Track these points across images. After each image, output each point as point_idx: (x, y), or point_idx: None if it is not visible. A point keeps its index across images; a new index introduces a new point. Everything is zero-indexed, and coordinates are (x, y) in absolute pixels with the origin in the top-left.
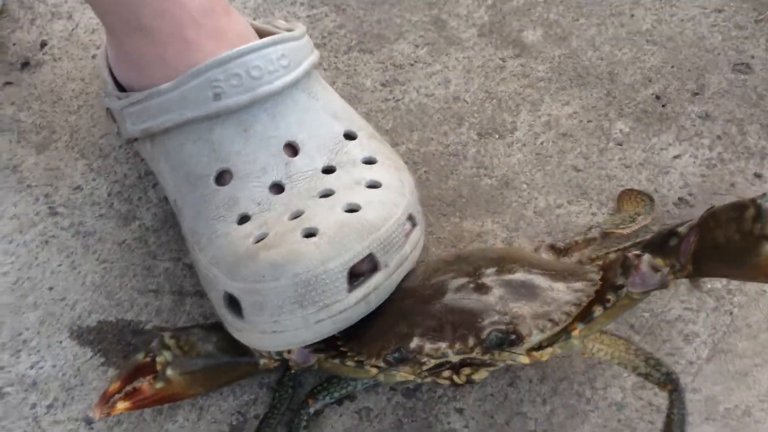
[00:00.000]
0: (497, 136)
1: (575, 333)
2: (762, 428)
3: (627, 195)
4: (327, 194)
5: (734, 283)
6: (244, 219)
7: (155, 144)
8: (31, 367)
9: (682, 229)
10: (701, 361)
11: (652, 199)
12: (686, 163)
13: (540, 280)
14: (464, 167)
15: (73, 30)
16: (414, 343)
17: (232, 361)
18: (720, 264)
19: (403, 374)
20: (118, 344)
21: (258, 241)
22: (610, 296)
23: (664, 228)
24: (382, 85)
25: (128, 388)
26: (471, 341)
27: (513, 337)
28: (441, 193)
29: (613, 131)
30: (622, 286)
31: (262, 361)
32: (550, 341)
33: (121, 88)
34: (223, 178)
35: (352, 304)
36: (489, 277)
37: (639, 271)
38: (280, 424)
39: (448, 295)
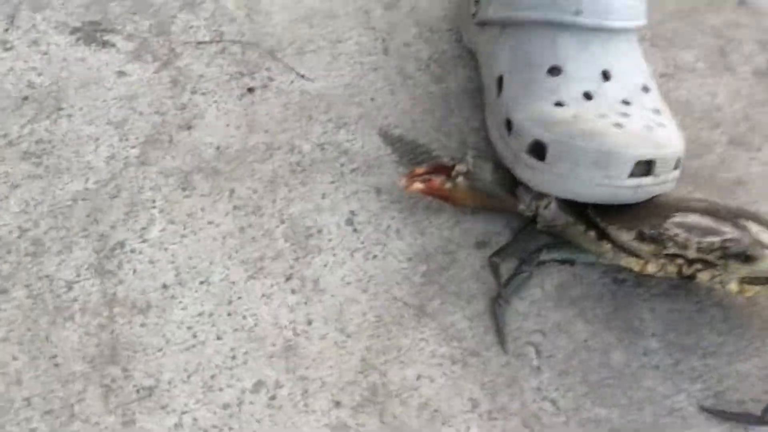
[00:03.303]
0: None
1: None
2: None
3: None
4: (625, 114)
5: None
6: (559, 104)
7: (506, 31)
8: (347, 141)
9: None
10: None
11: None
12: None
13: None
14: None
15: None
16: (670, 227)
17: (503, 195)
18: None
19: (628, 259)
20: (410, 155)
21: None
22: None
23: None
24: None
25: (426, 176)
26: (716, 244)
27: (748, 254)
28: None
29: None
30: None
31: (520, 207)
32: (760, 281)
33: None
34: (552, 71)
35: (625, 186)
36: (746, 222)
37: None
38: (512, 256)
39: (706, 215)
